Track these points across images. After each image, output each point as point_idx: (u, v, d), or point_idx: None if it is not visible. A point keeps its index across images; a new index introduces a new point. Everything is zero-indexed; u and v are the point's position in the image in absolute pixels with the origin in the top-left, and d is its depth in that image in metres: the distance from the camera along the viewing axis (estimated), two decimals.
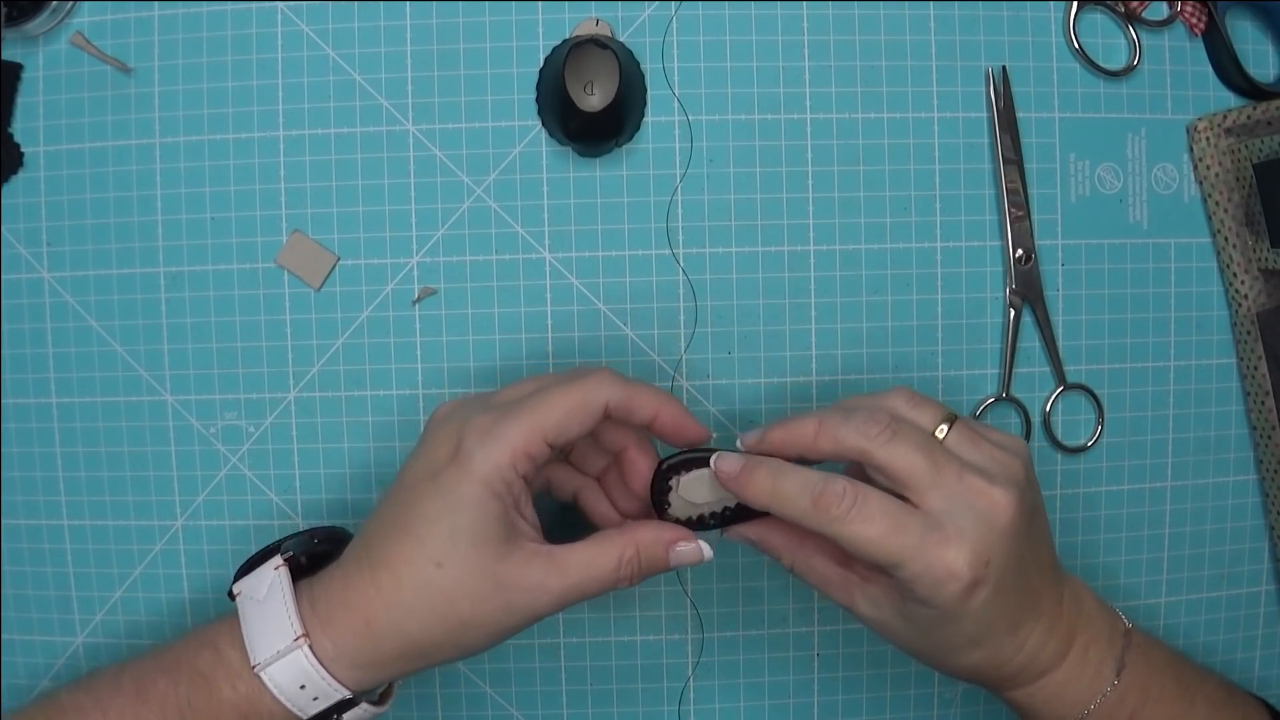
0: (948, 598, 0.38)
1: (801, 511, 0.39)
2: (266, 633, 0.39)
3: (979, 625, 0.39)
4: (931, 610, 0.39)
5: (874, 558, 0.38)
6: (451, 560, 0.39)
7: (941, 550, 0.37)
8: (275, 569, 0.41)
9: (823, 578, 0.43)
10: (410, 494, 0.40)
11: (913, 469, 0.38)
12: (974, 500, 0.38)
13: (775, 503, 0.40)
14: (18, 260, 0.51)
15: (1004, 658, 0.41)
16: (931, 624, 0.39)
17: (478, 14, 0.50)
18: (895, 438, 0.39)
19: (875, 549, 0.38)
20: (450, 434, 0.40)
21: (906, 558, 0.37)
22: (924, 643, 0.41)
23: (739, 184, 0.51)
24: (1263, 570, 0.54)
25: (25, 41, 0.50)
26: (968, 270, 0.52)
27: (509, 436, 0.39)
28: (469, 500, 0.39)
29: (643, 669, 0.52)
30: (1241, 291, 0.52)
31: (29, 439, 0.51)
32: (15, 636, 0.52)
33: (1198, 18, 0.51)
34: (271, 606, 0.40)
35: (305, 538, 0.44)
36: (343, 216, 0.50)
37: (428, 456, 0.40)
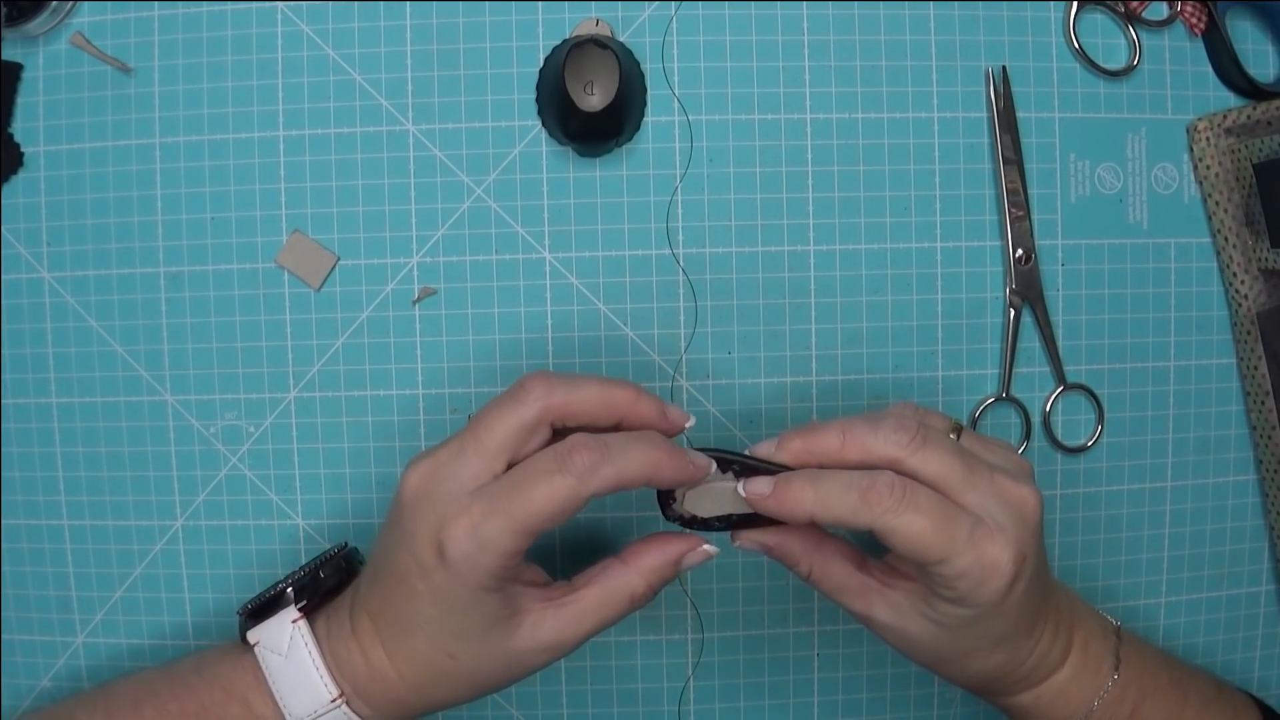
0: (989, 594, 0.37)
1: (850, 509, 0.37)
2: (299, 691, 0.40)
3: (1008, 624, 0.39)
4: (967, 610, 0.38)
5: (922, 552, 0.37)
6: (462, 652, 0.39)
7: (988, 545, 0.37)
8: (293, 622, 0.41)
9: (840, 584, 0.41)
10: (404, 588, 0.39)
11: (948, 471, 0.38)
12: (1007, 498, 0.38)
13: (820, 508, 0.38)
14: (18, 260, 0.51)
15: (1020, 659, 0.41)
16: (961, 625, 0.39)
17: (478, 14, 0.50)
18: (926, 444, 0.38)
19: (925, 541, 0.37)
20: (429, 529, 0.38)
21: (957, 551, 0.37)
22: (946, 647, 0.40)
23: (739, 184, 0.51)
24: (1263, 570, 0.54)
25: (25, 41, 0.50)
26: (968, 270, 0.52)
27: (493, 544, 0.37)
28: (466, 601, 0.38)
29: (643, 669, 0.52)
30: (1241, 291, 0.52)
31: (29, 439, 0.51)
32: (15, 636, 0.52)
33: (1198, 18, 0.51)
34: (298, 663, 0.40)
35: (312, 575, 0.43)
36: (343, 216, 0.50)
37: (409, 550, 0.38)
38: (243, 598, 0.51)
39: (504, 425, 0.38)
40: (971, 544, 0.37)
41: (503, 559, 0.37)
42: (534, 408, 0.38)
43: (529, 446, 0.39)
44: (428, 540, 0.38)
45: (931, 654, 0.41)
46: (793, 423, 0.51)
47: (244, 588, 0.51)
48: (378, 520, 0.51)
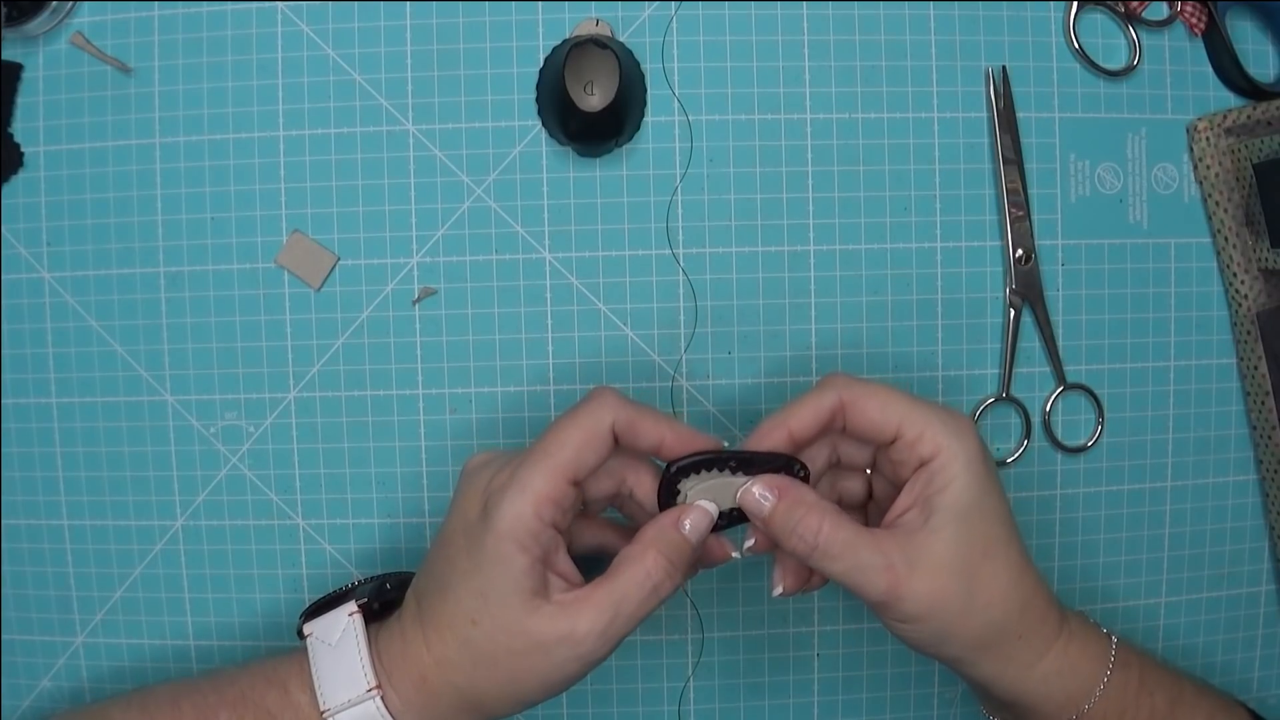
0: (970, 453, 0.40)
1: (814, 398, 0.41)
2: (338, 679, 0.40)
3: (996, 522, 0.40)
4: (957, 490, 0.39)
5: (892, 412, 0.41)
6: (483, 617, 0.39)
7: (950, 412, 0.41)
8: (349, 615, 0.42)
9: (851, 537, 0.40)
10: (448, 550, 0.41)
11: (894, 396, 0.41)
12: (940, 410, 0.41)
13: (791, 419, 0.41)
14: (18, 260, 0.51)
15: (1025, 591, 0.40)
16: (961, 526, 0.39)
17: (478, 14, 0.50)
18: (864, 382, 0.41)
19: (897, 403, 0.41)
20: (478, 489, 0.40)
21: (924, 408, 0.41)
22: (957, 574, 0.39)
23: (739, 184, 0.51)
24: (1263, 570, 0.54)
25: (25, 41, 0.50)
26: (968, 270, 0.52)
27: (528, 485, 0.39)
28: (494, 556, 0.39)
29: (643, 669, 0.52)
30: (1241, 291, 0.52)
31: (29, 439, 0.51)
32: (15, 636, 0.52)
33: (1198, 18, 0.51)
34: (344, 653, 0.41)
35: (378, 583, 0.44)
36: (343, 216, 0.50)
37: (460, 512, 0.41)
38: (243, 598, 0.51)
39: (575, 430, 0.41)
40: (936, 408, 0.40)
41: (538, 504, 0.39)
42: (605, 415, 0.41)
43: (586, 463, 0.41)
44: (476, 499, 0.40)
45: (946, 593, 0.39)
46: None
47: (244, 588, 0.51)
48: (378, 520, 0.51)
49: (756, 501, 0.41)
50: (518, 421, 0.51)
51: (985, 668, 0.41)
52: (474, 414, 0.51)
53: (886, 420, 0.40)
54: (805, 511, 0.40)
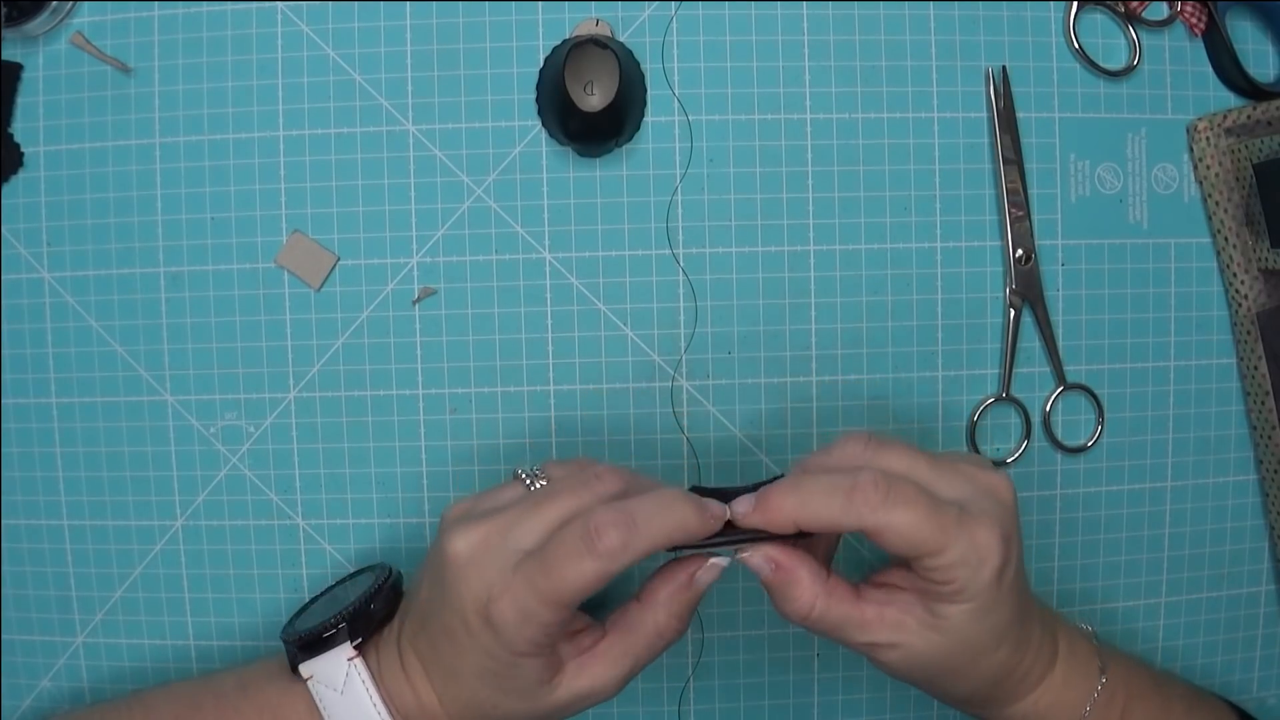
0: (985, 579, 0.37)
1: (838, 510, 0.37)
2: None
3: (1007, 612, 0.39)
4: (967, 604, 0.38)
5: (916, 545, 0.37)
6: (504, 703, 0.40)
7: (977, 529, 0.37)
8: (349, 660, 0.41)
9: (842, 617, 0.40)
10: (452, 644, 0.40)
11: (913, 466, 0.39)
12: (980, 484, 0.39)
13: (804, 511, 0.38)
14: (18, 260, 0.51)
15: (1020, 654, 0.41)
16: (965, 623, 0.38)
17: (478, 14, 0.50)
18: (882, 448, 0.39)
19: (918, 533, 0.37)
20: (475, 596, 0.38)
21: (950, 539, 0.37)
22: (954, 653, 0.39)
23: (739, 184, 0.51)
24: (1263, 570, 0.54)
25: (25, 41, 0.50)
26: (968, 270, 0.52)
27: (535, 618, 0.38)
28: (510, 664, 0.39)
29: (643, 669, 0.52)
30: (1241, 291, 0.52)
31: (29, 439, 0.51)
32: (15, 636, 0.52)
33: (1198, 18, 0.51)
34: (355, 699, 0.41)
35: (363, 609, 0.43)
36: (343, 216, 0.50)
37: (458, 610, 0.39)
38: (243, 598, 0.51)
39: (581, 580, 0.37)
40: (962, 529, 0.37)
41: (544, 629, 0.38)
42: (612, 563, 0.37)
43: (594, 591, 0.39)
44: (474, 607, 0.38)
45: (940, 665, 0.40)
46: (793, 423, 0.51)
47: (244, 588, 0.51)
48: (378, 520, 0.51)
49: (755, 566, 0.40)
50: (518, 421, 0.51)
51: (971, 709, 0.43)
52: (474, 414, 0.51)
53: (907, 549, 0.38)
54: (800, 591, 0.40)
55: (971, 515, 0.38)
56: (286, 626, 0.44)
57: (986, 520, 0.38)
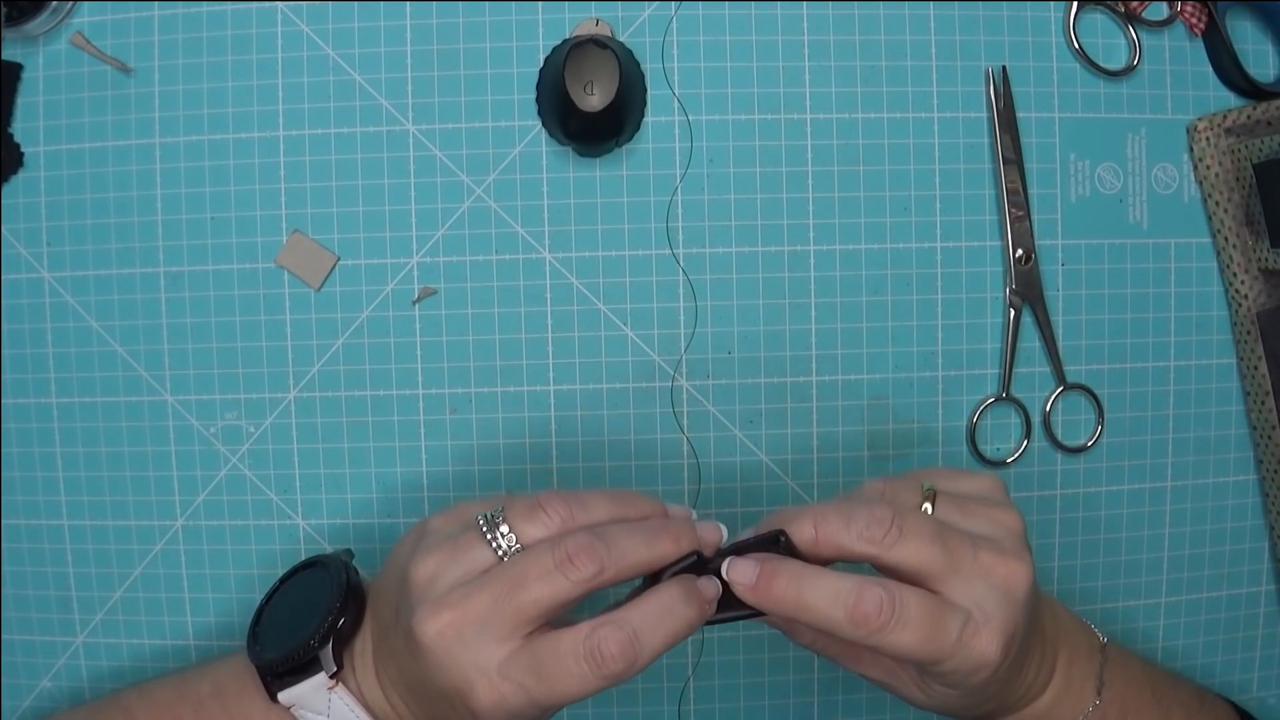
0: (980, 680, 0.37)
1: (835, 625, 0.36)
2: None
3: (998, 686, 0.39)
4: (958, 690, 0.38)
5: (912, 659, 0.37)
6: None
7: (976, 642, 0.36)
8: (329, 689, 0.40)
9: (839, 651, 0.40)
10: (434, 707, 0.38)
11: (929, 561, 0.37)
12: (994, 579, 0.37)
13: (804, 615, 0.37)
14: (18, 260, 0.51)
15: (1010, 691, 0.40)
16: (953, 696, 0.39)
17: (478, 14, 0.50)
18: (903, 535, 0.37)
19: (914, 653, 0.36)
20: (454, 685, 0.36)
21: (945, 655, 0.36)
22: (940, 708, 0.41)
23: (739, 184, 0.51)
24: (1263, 570, 0.54)
25: (25, 41, 0.50)
26: (968, 270, 0.52)
27: (524, 714, 0.36)
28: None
29: None
30: (1241, 291, 0.52)
31: (29, 439, 0.51)
32: (15, 636, 0.52)
33: (1198, 18, 0.51)
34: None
35: (332, 628, 0.40)
36: (343, 216, 0.50)
37: (440, 691, 0.37)
38: (243, 598, 0.51)
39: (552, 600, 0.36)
40: (960, 645, 0.36)
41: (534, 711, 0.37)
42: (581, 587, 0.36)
43: None
44: (455, 694, 0.37)
45: (925, 708, 0.41)
46: (793, 423, 0.51)
47: (244, 588, 0.51)
48: (378, 520, 0.51)
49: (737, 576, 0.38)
50: (518, 421, 0.51)
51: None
52: (474, 414, 0.51)
53: (906, 659, 0.37)
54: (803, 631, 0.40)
55: (974, 627, 0.36)
56: (251, 643, 0.42)
57: (988, 630, 0.36)
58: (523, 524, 0.38)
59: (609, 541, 0.37)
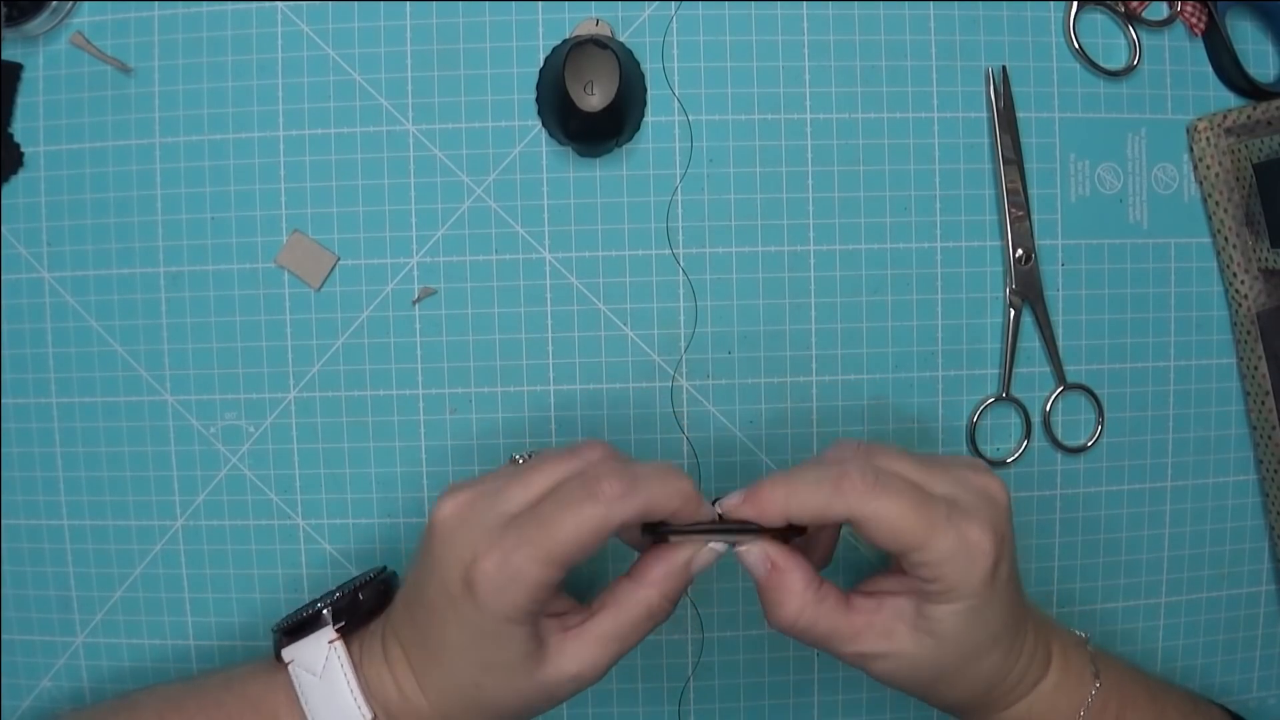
0: (977, 577, 0.37)
1: (824, 499, 0.37)
2: (331, 712, 0.40)
3: (999, 613, 0.39)
4: (959, 603, 0.38)
5: (902, 535, 0.37)
6: (487, 682, 0.39)
7: (967, 525, 0.37)
8: (330, 642, 0.41)
9: (831, 627, 0.40)
10: (433, 617, 0.39)
11: (908, 469, 0.39)
12: (972, 484, 0.39)
13: (793, 500, 0.38)
14: (18, 260, 0.51)
15: (1013, 659, 0.40)
16: (957, 625, 0.38)
17: (478, 14, 0.50)
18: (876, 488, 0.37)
19: (904, 524, 0.36)
20: (459, 559, 0.38)
21: (938, 532, 0.36)
22: (946, 655, 0.39)
23: (739, 184, 0.51)
24: (1263, 570, 0.54)
25: (25, 41, 0.50)
26: (968, 270, 0.52)
27: (522, 577, 0.37)
28: (493, 633, 0.38)
29: (643, 669, 0.52)
30: (1241, 291, 0.52)
31: (29, 439, 0.51)
32: (15, 636, 0.52)
33: (1198, 18, 0.51)
34: (333, 685, 0.40)
35: (351, 597, 0.43)
36: (343, 216, 0.50)
37: (441, 578, 0.38)
38: (243, 598, 0.51)
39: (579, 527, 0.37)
40: (951, 524, 0.37)
41: (532, 591, 0.37)
42: (612, 512, 0.37)
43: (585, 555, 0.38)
44: (457, 570, 0.37)
45: (932, 670, 0.40)
46: (793, 423, 0.51)
47: (244, 588, 0.51)
48: (378, 520, 0.51)
49: (751, 563, 0.40)
50: (518, 421, 0.51)
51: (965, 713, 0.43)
52: (474, 414, 0.51)
53: (894, 541, 0.37)
54: (790, 598, 0.39)
55: (962, 512, 0.37)
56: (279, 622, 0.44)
57: (978, 518, 0.37)
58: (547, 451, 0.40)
59: (634, 472, 0.38)
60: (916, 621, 0.39)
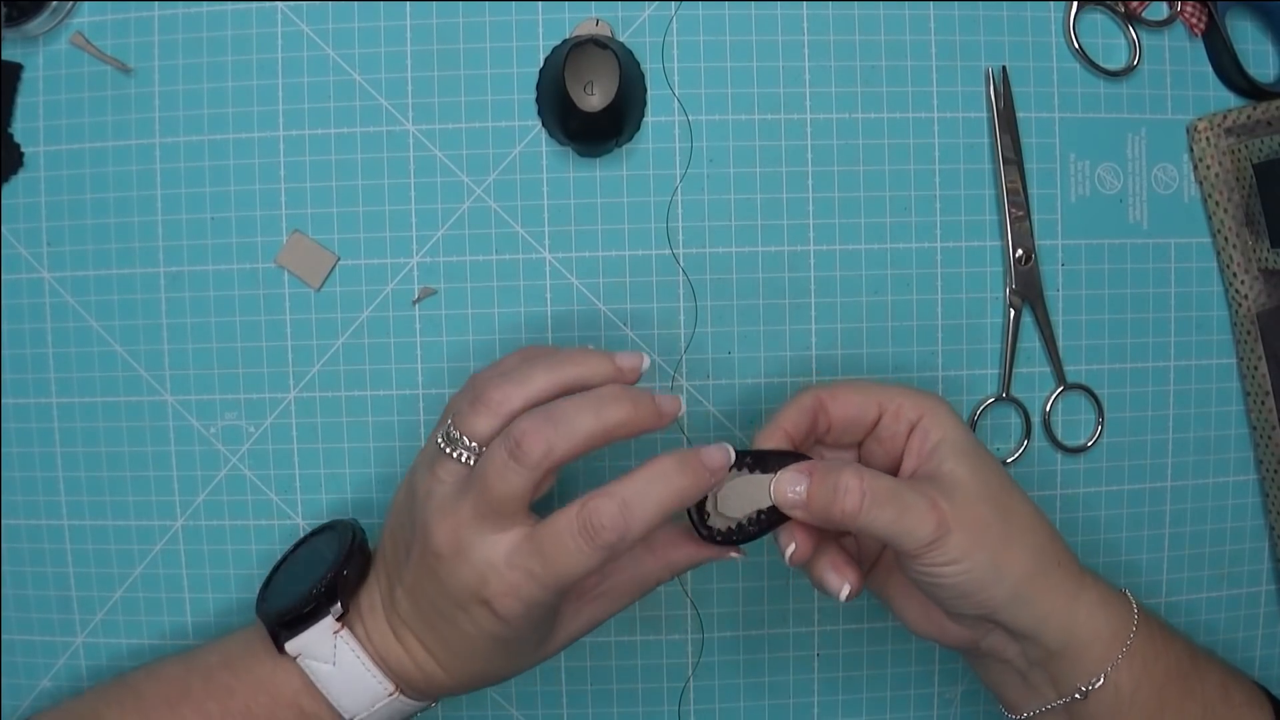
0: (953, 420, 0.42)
1: None
2: (354, 693, 0.41)
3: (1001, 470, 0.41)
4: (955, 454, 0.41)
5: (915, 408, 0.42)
6: (509, 665, 0.42)
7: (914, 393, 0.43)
8: (335, 634, 0.41)
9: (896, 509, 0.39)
10: (453, 629, 0.40)
11: None
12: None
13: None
14: (18, 260, 0.51)
15: (1048, 532, 0.41)
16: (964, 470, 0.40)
17: (478, 14, 0.50)
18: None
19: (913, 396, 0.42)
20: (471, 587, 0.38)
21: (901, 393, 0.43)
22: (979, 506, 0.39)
23: (739, 184, 0.51)
24: (1263, 570, 0.54)
25: (25, 41, 0.50)
26: (968, 270, 0.52)
27: (536, 602, 0.38)
28: (515, 637, 0.40)
29: (643, 669, 0.52)
30: (1241, 291, 0.52)
31: (29, 439, 0.51)
32: (15, 636, 0.52)
33: (1198, 18, 0.51)
34: (349, 669, 0.41)
35: (337, 577, 0.42)
36: (343, 216, 0.50)
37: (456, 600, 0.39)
38: (243, 598, 0.51)
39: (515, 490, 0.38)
40: (901, 385, 0.42)
41: (547, 607, 0.39)
42: (538, 469, 0.38)
43: None
44: (471, 597, 0.39)
45: (987, 519, 0.39)
46: None
47: (244, 588, 0.51)
48: (378, 520, 0.51)
49: (790, 488, 0.40)
50: None
51: (1038, 604, 0.40)
52: None
53: (866, 400, 0.42)
54: (840, 475, 0.39)
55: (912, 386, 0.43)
56: (260, 603, 0.44)
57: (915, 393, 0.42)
58: (471, 425, 0.40)
59: (554, 417, 0.38)
60: (945, 475, 0.40)
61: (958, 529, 0.38)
